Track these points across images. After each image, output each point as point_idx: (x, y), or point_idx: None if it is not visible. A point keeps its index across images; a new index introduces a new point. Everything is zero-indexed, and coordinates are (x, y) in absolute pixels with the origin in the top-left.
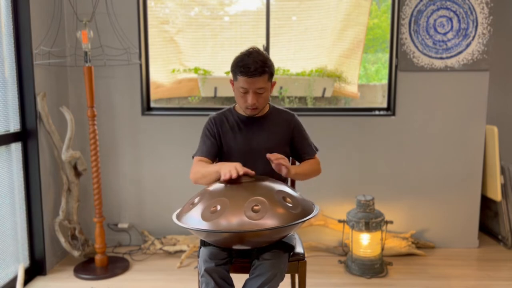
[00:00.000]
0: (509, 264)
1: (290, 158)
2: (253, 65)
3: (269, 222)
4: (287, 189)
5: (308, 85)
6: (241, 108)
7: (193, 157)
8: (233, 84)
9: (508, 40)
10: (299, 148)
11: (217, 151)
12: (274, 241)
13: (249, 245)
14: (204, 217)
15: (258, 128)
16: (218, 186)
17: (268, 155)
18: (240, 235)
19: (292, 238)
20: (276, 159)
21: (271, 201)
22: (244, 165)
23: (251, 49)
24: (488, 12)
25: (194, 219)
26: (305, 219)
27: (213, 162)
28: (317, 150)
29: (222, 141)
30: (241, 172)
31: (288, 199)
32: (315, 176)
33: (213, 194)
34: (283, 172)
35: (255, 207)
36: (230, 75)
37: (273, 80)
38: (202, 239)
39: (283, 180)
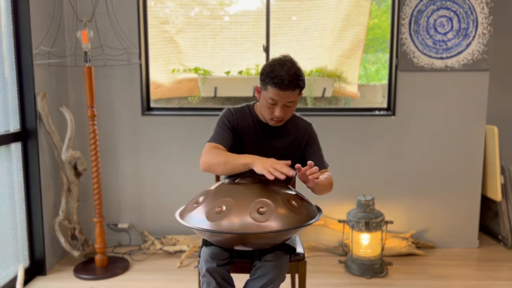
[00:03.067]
0: (509, 264)
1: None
2: (287, 78)
3: (274, 224)
4: (292, 191)
5: (308, 85)
6: (264, 117)
7: (207, 142)
8: (259, 92)
9: (508, 40)
10: (310, 159)
11: (233, 143)
12: (278, 243)
13: (252, 246)
14: (209, 217)
15: (273, 134)
16: (222, 186)
17: (304, 169)
18: (245, 237)
19: (293, 239)
20: (311, 174)
21: (276, 204)
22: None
23: (284, 58)
24: (488, 12)
25: (198, 219)
26: (309, 222)
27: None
28: (327, 165)
29: (237, 136)
30: (286, 172)
31: (293, 202)
32: (329, 191)
33: (218, 194)
34: (311, 184)
35: (261, 209)
36: (258, 82)
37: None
38: (205, 238)
39: (287, 183)
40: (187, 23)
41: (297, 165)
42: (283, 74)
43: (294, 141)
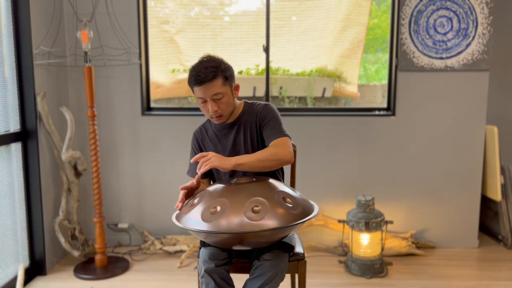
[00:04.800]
0: (509, 264)
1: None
2: (203, 72)
3: (269, 222)
4: (287, 189)
5: (308, 85)
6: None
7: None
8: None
9: (508, 40)
10: (264, 135)
11: None
12: (275, 241)
13: (249, 245)
14: (204, 218)
15: (235, 133)
16: (217, 186)
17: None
18: (240, 236)
19: (292, 238)
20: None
21: (271, 202)
22: (233, 173)
23: (203, 57)
24: (488, 12)
25: (194, 220)
26: (305, 219)
27: (203, 179)
28: (285, 135)
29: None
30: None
31: (288, 200)
32: (279, 162)
33: (213, 195)
34: (203, 169)
35: (255, 208)
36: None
37: (234, 83)
38: (202, 240)
39: (281, 180)
40: (187, 23)
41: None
42: (199, 70)
43: (252, 128)
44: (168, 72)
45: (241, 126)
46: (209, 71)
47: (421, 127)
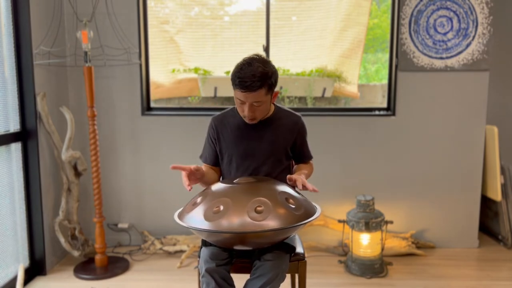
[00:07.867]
0: (509, 264)
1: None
2: (250, 79)
3: (272, 223)
4: (289, 190)
5: (308, 85)
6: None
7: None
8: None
9: (508, 40)
10: (299, 151)
11: (216, 156)
12: (277, 242)
13: (251, 246)
14: (206, 217)
15: (261, 131)
16: (220, 186)
17: (290, 177)
18: (243, 236)
19: (293, 239)
20: (298, 182)
21: (274, 202)
22: (247, 167)
23: (253, 57)
24: (488, 12)
25: (197, 219)
26: (308, 220)
27: (214, 166)
28: (312, 156)
29: (221, 144)
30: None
31: (291, 200)
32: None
33: (216, 194)
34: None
35: (258, 208)
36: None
37: (275, 89)
38: (204, 239)
39: (285, 182)
40: (187, 23)
41: (289, 176)
42: (246, 76)
43: (283, 134)
44: (168, 72)
45: (271, 126)
46: (257, 81)
47: (421, 127)
